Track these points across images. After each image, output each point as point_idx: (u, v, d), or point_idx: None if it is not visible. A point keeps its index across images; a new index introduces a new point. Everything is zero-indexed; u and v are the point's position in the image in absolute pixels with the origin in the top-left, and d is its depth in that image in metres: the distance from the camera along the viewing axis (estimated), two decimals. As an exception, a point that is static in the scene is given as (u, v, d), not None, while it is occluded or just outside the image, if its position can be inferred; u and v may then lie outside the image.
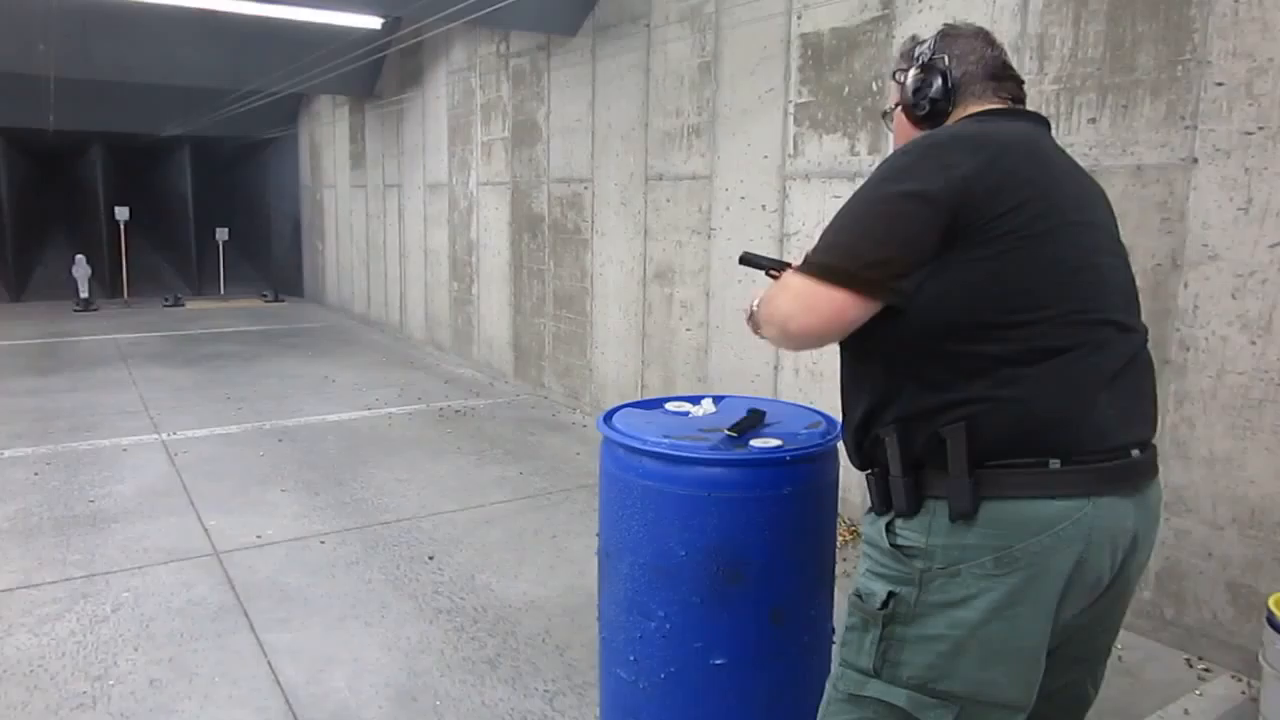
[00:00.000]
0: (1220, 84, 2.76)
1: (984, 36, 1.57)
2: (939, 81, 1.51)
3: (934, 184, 1.28)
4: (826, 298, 1.32)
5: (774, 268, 1.69)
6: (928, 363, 1.32)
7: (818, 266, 1.34)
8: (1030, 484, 1.27)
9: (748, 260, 1.80)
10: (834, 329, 1.36)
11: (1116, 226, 1.51)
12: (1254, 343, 2.73)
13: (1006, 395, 1.27)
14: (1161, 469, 1.47)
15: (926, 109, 1.53)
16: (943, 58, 1.52)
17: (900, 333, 1.34)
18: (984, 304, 1.29)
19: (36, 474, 4.65)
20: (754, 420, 2.07)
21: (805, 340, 1.41)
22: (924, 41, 1.57)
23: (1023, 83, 1.57)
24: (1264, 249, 2.69)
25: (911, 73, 1.56)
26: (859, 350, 1.43)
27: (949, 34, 1.56)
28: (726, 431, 2.02)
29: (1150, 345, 1.48)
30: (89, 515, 4.07)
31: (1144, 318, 1.47)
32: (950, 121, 1.51)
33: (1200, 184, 2.82)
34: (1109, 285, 1.37)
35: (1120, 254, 1.46)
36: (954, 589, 1.29)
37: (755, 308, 1.54)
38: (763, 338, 1.55)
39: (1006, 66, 1.54)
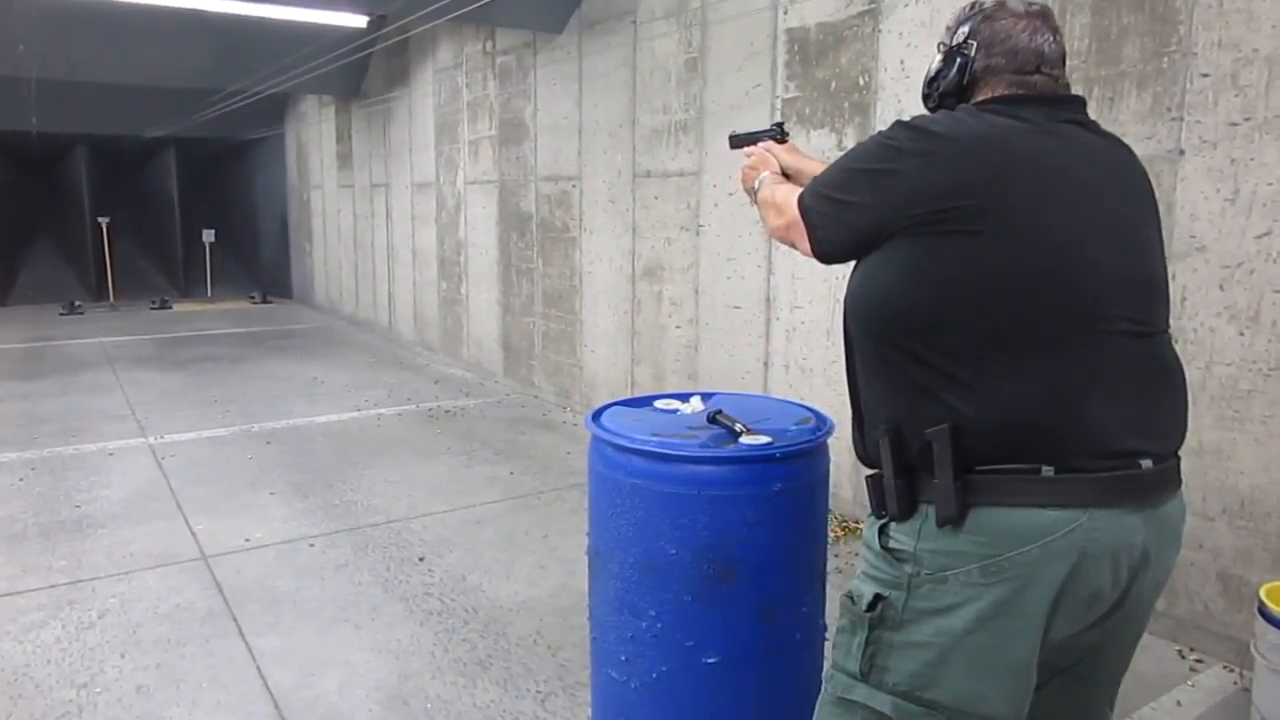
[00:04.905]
0: (1206, 75, 2.76)
1: (1034, 21, 1.43)
2: (955, 76, 1.44)
3: (884, 179, 1.32)
4: (793, 215, 1.46)
5: (760, 138, 1.88)
6: (912, 362, 1.30)
7: (805, 193, 1.47)
8: (1021, 492, 1.23)
9: (739, 141, 1.94)
10: (788, 240, 1.52)
11: (1149, 218, 1.41)
12: (1242, 333, 2.73)
13: (985, 398, 1.24)
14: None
15: (936, 102, 1.49)
16: (971, 45, 1.43)
17: (884, 327, 1.33)
18: (947, 297, 1.26)
19: (21, 479, 4.61)
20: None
21: (771, 232, 1.62)
22: (972, 15, 1.47)
23: (1058, 78, 1.43)
24: (1251, 240, 2.69)
25: (936, 59, 1.50)
26: (858, 349, 1.42)
27: (994, 15, 1.44)
28: (707, 420, 2.03)
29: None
30: (75, 520, 4.03)
31: None
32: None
33: (1187, 175, 2.82)
34: (1109, 281, 1.29)
35: (1139, 248, 1.36)
36: (941, 596, 1.26)
37: (758, 184, 1.70)
38: (751, 202, 1.77)
39: (1043, 58, 1.41)
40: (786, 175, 1.74)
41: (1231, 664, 2.79)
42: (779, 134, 1.88)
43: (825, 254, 1.43)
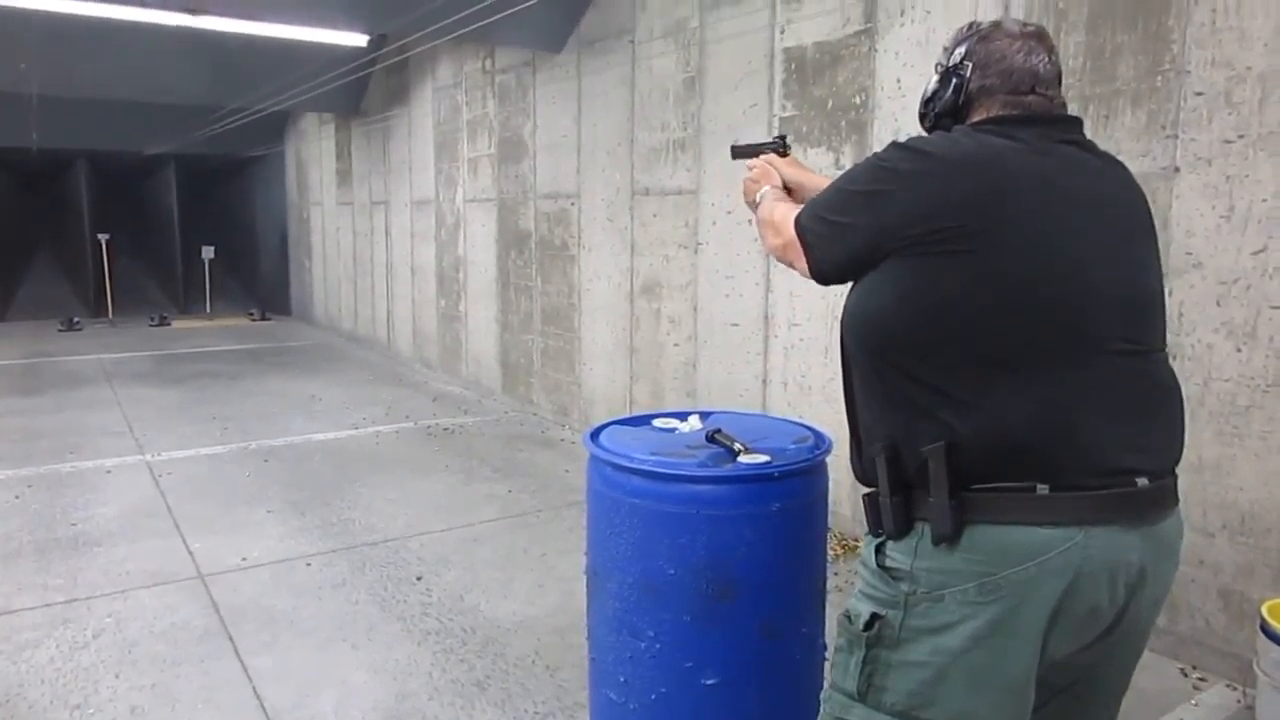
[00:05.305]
0: (1200, 93, 2.78)
1: (1029, 41, 1.43)
2: (951, 96, 1.45)
3: (879, 199, 1.33)
4: (790, 235, 1.48)
5: (763, 150, 1.87)
6: (908, 380, 1.30)
7: (802, 214, 1.48)
8: (1016, 509, 1.24)
9: (740, 153, 1.93)
10: (785, 259, 1.52)
11: (1146, 237, 1.41)
12: (1239, 349, 2.73)
13: (979, 416, 1.24)
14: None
15: (932, 122, 1.50)
16: (967, 66, 1.44)
17: (880, 345, 1.33)
18: (940, 316, 1.27)
19: (17, 497, 4.59)
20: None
21: (769, 251, 1.61)
22: (971, 35, 1.47)
23: (1053, 99, 1.43)
24: (1247, 256, 2.70)
25: (932, 79, 1.51)
26: (855, 368, 1.43)
27: (989, 35, 1.45)
28: (706, 439, 2.02)
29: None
30: (71, 538, 4.01)
31: None
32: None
33: (1182, 192, 2.84)
34: (1105, 300, 1.29)
35: (1135, 267, 1.36)
36: (937, 614, 1.26)
37: (760, 198, 1.70)
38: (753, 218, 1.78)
39: (1038, 78, 1.41)
40: (788, 189, 1.74)
41: (1234, 682, 2.78)
42: (781, 147, 1.88)
43: (822, 274, 1.44)
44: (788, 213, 1.52)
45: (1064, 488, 1.23)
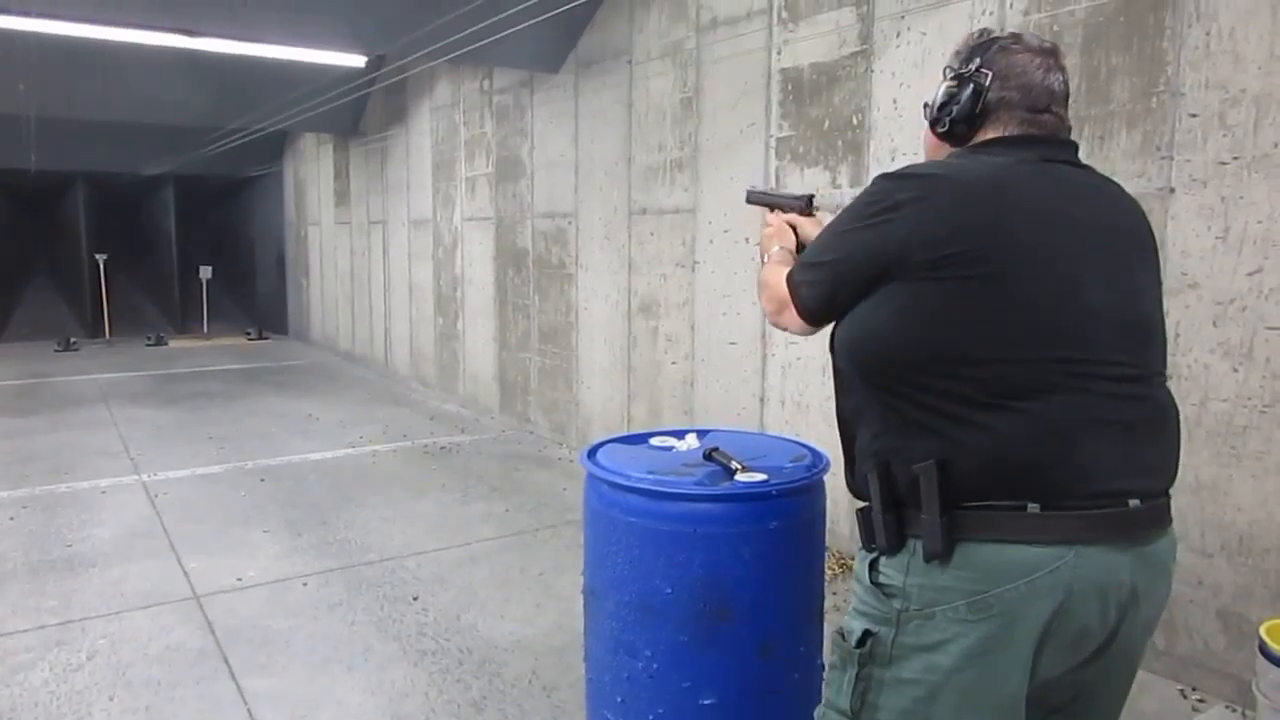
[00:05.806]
0: (1194, 115, 2.80)
1: (1046, 58, 1.42)
2: (969, 103, 1.41)
3: (879, 230, 1.32)
4: (783, 294, 1.47)
5: (784, 204, 1.79)
6: (902, 399, 1.30)
7: (794, 269, 1.48)
8: (1007, 528, 1.23)
9: (756, 199, 1.88)
10: (780, 324, 1.51)
11: (1146, 261, 1.41)
12: (1236, 370, 2.74)
13: (975, 435, 1.24)
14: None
15: (946, 128, 1.45)
16: (986, 75, 1.40)
17: (875, 366, 1.34)
18: (939, 341, 1.27)
19: (12, 518, 4.57)
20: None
21: (766, 314, 1.58)
22: (985, 45, 1.44)
23: (1063, 118, 1.43)
24: (1243, 277, 2.71)
25: (945, 85, 1.45)
26: (848, 385, 1.43)
27: (1009, 47, 1.42)
28: (703, 457, 2.02)
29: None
30: (65, 560, 3.99)
31: None
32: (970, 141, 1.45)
33: (1178, 213, 2.85)
34: (1103, 324, 1.29)
35: (1134, 292, 1.36)
36: (929, 632, 1.26)
37: (768, 257, 1.68)
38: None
39: (1054, 97, 1.41)
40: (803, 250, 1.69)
41: (1234, 703, 2.76)
42: (806, 206, 1.79)
43: (811, 314, 1.43)
44: (783, 275, 1.49)
45: (1055, 507, 1.23)
